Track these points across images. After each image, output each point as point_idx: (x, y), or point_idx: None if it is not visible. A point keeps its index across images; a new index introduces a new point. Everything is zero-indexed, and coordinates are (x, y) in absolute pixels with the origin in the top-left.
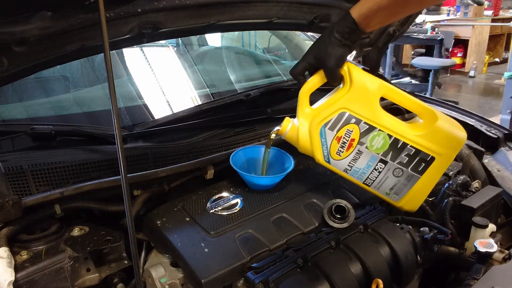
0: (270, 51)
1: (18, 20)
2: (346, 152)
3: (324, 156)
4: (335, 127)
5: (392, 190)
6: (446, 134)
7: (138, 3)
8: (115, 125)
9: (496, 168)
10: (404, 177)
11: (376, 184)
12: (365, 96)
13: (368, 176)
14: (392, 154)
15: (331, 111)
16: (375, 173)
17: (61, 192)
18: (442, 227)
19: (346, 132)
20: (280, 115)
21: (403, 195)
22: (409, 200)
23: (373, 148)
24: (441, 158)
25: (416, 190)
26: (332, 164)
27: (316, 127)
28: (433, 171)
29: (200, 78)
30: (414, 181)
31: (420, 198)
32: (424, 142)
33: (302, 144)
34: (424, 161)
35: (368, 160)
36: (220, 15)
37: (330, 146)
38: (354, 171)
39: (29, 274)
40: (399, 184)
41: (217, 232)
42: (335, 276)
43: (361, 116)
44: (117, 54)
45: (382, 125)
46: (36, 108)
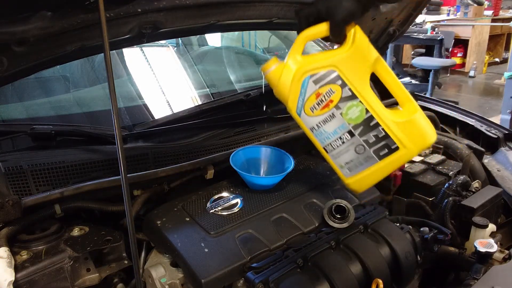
0: (270, 51)
1: (18, 20)
2: (320, 111)
3: (297, 107)
4: (319, 82)
5: (347, 165)
6: (418, 130)
7: (138, 3)
8: (115, 125)
9: (496, 168)
10: (364, 156)
11: (335, 154)
12: (360, 63)
13: (331, 143)
14: (362, 130)
15: (322, 65)
16: (338, 141)
17: (61, 192)
18: (442, 227)
19: (328, 91)
20: (280, 115)
21: (355, 173)
22: (358, 181)
23: (347, 116)
24: (405, 151)
25: (369, 173)
26: (302, 118)
27: (302, 75)
28: (391, 161)
29: (200, 78)
30: (371, 164)
31: (369, 182)
32: (396, 130)
33: (281, 87)
34: (388, 148)
35: (337, 126)
36: (220, 15)
37: (307, 99)
38: (319, 133)
39: (29, 274)
40: (356, 161)
41: (217, 232)
42: (335, 276)
43: (348, 81)
44: (117, 54)
45: (364, 97)
46: (36, 108)
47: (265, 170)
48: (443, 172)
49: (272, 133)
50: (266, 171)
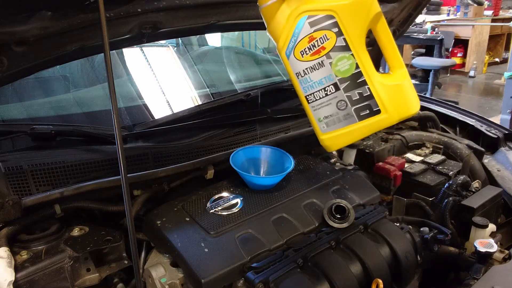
0: (270, 51)
1: (18, 20)
2: (310, 56)
3: (288, 48)
4: (316, 25)
5: (325, 119)
6: (404, 97)
7: (138, 3)
8: (115, 125)
9: (496, 168)
10: (344, 113)
11: (315, 105)
12: (360, 15)
13: (314, 93)
14: (348, 85)
15: (322, 8)
16: (321, 93)
17: (61, 192)
18: (442, 227)
19: (322, 37)
20: (280, 115)
21: (332, 130)
22: (333, 138)
23: (336, 67)
24: (385, 115)
25: (346, 132)
26: (290, 60)
27: (299, 14)
28: (370, 123)
29: (200, 78)
30: (349, 123)
31: (343, 141)
32: (382, 92)
33: (275, 23)
34: (370, 109)
35: (324, 76)
36: (220, 15)
37: (299, 41)
38: (304, 80)
39: (29, 274)
40: (335, 117)
41: (217, 232)
42: (335, 276)
43: (345, 31)
44: (117, 54)
45: (357, 52)
46: (36, 108)
47: (265, 170)
48: (443, 172)
49: (272, 133)
50: (266, 171)
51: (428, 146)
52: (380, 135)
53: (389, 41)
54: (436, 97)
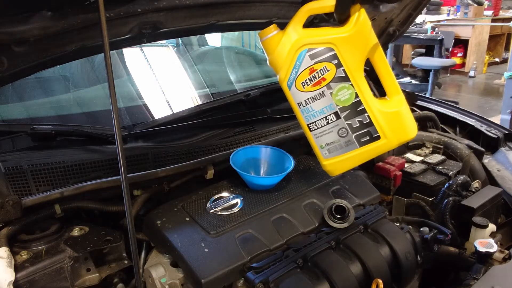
0: None
1: (18, 20)
2: (311, 87)
3: (289, 79)
4: (316, 58)
5: (327, 146)
6: (402, 123)
7: (138, 3)
8: (115, 125)
9: (496, 168)
10: (345, 140)
11: (317, 133)
12: (358, 46)
13: (316, 121)
14: (348, 113)
15: (322, 41)
16: (323, 121)
17: (61, 192)
18: (442, 227)
19: (323, 68)
20: (280, 115)
21: (334, 156)
22: (335, 163)
23: (336, 97)
24: (385, 141)
25: (347, 158)
26: (292, 91)
27: (300, 47)
28: (370, 149)
29: (200, 78)
30: (350, 149)
31: (345, 166)
32: (381, 119)
33: (276, 56)
34: (370, 136)
35: (325, 106)
36: (220, 15)
37: (300, 73)
38: (306, 109)
39: (29, 274)
40: (336, 144)
41: (217, 232)
42: (335, 276)
43: (344, 62)
44: (117, 54)
45: (356, 82)
46: (36, 108)
47: (265, 170)
48: (443, 172)
49: (272, 133)
50: (266, 171)
51: (428, 146)
52: None
53: (386, 69)
54: (436, 97)
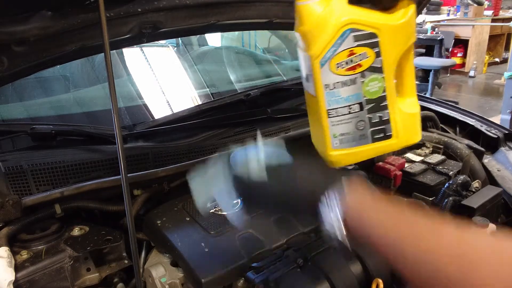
0: (270, 51)
1: (18, 20)
2: (345, 71)
3: (324, 57)
4: (359, 41)
5: (340, 136)
6: (414, 125)
7: (138, 3)
8: (115, 125)
9: (496, 168)
10: (360, 133)
11: (335, 121)
12: (401, 40)
13: (337, 108)
14: (372, 107)
15: (370, 24)
16: (345, 109)
17: (61, 192)
18: None
19: (362, 53)
20: (280, 115)
21: (344, 147)
22: (342, 155)
23: (366, 87)
24: (395, 141)
25: (355, 152)
26: (323, 70)
27: (346, 24)
28: (379, 147)
29: (200, 78)
30: (362, 143)
31: (351, 160)
32: (399, 119)
33: (313, 27)
34: (384, 133)
35: (352, 94)
36: (220, 15)
37: (339, 52)
38: (331, 93)
39: (29, 274)
40: (350, 136)
41: (217, 232)
42: (335, 276)
43: (384, 53)
44: (117, 54)
45: (388, 76)
46: (36, 108)
47: None
48: (443, 172)
49: (272, 133)
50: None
51: (428, 146)
52: None
53: (410, 70)
54: (436, 97)
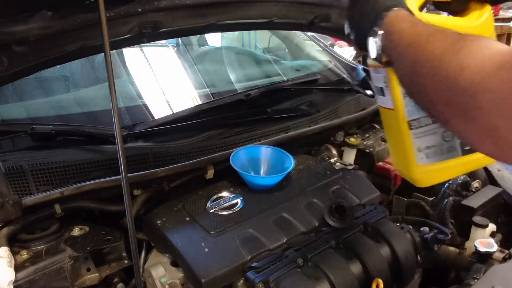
0: (270, 51)
1: (18, 20)
2: None
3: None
4: None
5: (426, 150)
6: None
7: (138, 3)
8: (116, 125)
9: (496, 168)
10: (448, 145)
11: (418, 133)
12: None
13: (420, 119)
14: None
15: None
16: (428, 120)
17: (61, 191)
18: (442, 227)
19: None
20: (280, 115)
21: (431, 162)
22: (430, 172)
23: None
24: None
25: (446, 166)
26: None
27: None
28: (471, 160)
29: (200, 78)
30: (451, 156)
31: (439, 177)
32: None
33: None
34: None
35: None
36: (220, 15)
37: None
38: (410, 102)
39: (29, 274)
40: (437, 148)
41: (217, 232)
42: (335, 275)
43: None
44: (117, 54)
45: None
46: (36, 108)
47: (265, 170)
48: None
49: (272, 133)
50: (266, 171)
51: None
52: (380, 135)
53: None
54: None
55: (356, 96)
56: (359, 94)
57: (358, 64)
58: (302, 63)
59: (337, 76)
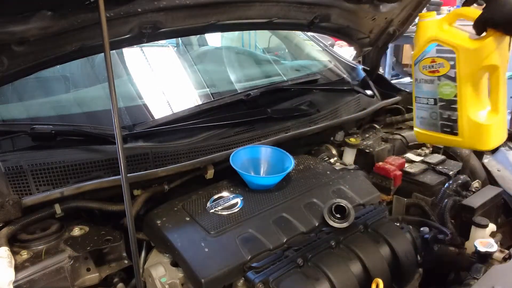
0: (270, 51)
1: (18, 20)
2: (428, 72)
3: (417, 58)
4: (440, 53)
5: (421, 118)
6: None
7: (138, 3)
8: (115, 125)
9: (496, 168)
10: (433, 121)
11: (418, 106)
12: (475, 61)
13: (420, 97)
14: (443, 105)
15: (450, 43)
16: (424, 100)
17: (61, 192)
18: (442, 227)
19: (441, 63)
20: (280, 115)
21: (422, 128)
22: (421, 133)
23: (440, 89)
24: (460, 140)
25: (429, 134)
26: (415, 68)
27: (433, 40)
28: (445, 138)
29: (200, 78)
30: (433, 130)
31: (427, 139)
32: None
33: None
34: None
35: (430, 90)
36: (220, 15)
37: (425, 58)
38: (418, 85)
39: (29, 274)
40: (426, 120)
41: (217, 232)
42: (335, 275)
43: (458, 67)
44: (117, 54)
45: (461, 86)
46: (36, 108)
47: (265, 170)
48: (443, 172)
49: (272, 133)
50: (266, 171)
51: (428, 146)
52: (380, 135)
53: (495, 88)
54: None
55: (356, 96)
56: (359, 94)
57: (358, 64)
58: (302, 63)
59: (337, 76)
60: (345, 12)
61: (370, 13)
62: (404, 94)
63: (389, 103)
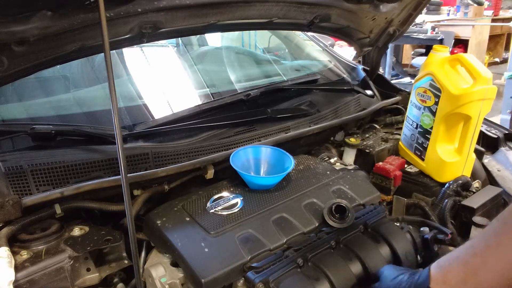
0: (270, 51)
1: (18, 20)
2: (419, 98)
3: (416, 84)
4: (431, 87)
5: (404, 135)
6: (439, 169)
7: (138, 3)
8: (115, 125)
9: (496, 168)
10: (410, 141)
11: (407, 123)
12: (452, 103)
13: (409, 117)
14: (421, 132)
15: (440, 81)
16: (410, 121)
17: (61, 192)
18: (442, 227)
19: (429, 96)
20: (280, 115)
21: (403, 144)
22: (400, 148)
23: (422, 117)
24: (423, 165)
25: (404, 150)
26: (413, 91)
27: (427, 72)
28: (414, 159)
29: (200, 78)
30: (408, 148)
31: (402, 153)
32: (432, 155)
33: (422, 66)
34: (421, 153)
35: (416, 115)
36: (220, 15)
37: (421, 86)
38: (410, 108)
39: (29, 274)
40: (407, 138)
41: (217, 232)
42: (335, 276)
43: (440, 105)
44: (117, 54)
45: (437, 122)
46: (36, 108)
47: (265, 170)
48: None
49: (272, 133)
50: (266, 171)
51: None
52: (380, 135)
53: (465, 134)
54: None
55: (356, 96)
56: (359, 94)
57: (358, 64)
58: (302, 63)
59: (337, 76)
60: (345, 12)
61: (370, 13)
62: (404, 94)
63: (389, 103)
